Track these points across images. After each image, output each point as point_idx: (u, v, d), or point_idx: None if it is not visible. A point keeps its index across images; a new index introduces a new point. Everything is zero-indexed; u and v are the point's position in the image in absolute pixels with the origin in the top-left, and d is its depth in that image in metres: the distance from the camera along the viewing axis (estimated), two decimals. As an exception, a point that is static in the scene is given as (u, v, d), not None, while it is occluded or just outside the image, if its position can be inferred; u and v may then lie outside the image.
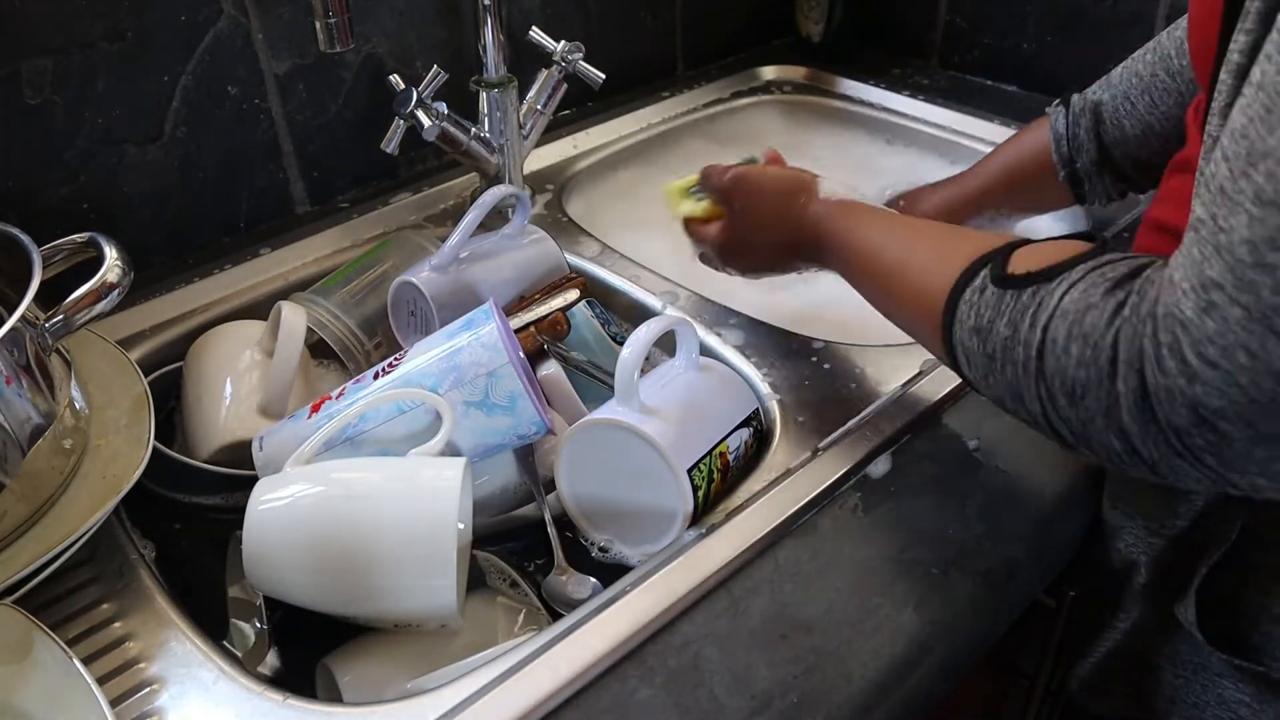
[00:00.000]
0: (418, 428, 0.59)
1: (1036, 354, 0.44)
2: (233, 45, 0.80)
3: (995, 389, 0.48)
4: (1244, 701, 0.56)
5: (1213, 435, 0.38)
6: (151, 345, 0.75)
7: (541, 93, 0.90)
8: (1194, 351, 0.37)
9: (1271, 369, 0.35)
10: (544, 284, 0.77)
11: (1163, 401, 0.38)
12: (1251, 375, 0.35)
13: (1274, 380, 0.35)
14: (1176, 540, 0.58)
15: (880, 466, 0.63)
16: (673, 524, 0.58)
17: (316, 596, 0.54)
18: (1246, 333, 0.35)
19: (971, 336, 0.48)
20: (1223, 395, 0.36)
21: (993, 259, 0.49)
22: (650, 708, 0.50)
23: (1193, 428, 0.38)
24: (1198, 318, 0.37)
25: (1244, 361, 0.35)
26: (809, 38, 1.23)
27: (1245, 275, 0.35)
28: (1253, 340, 0.35)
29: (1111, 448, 0.42)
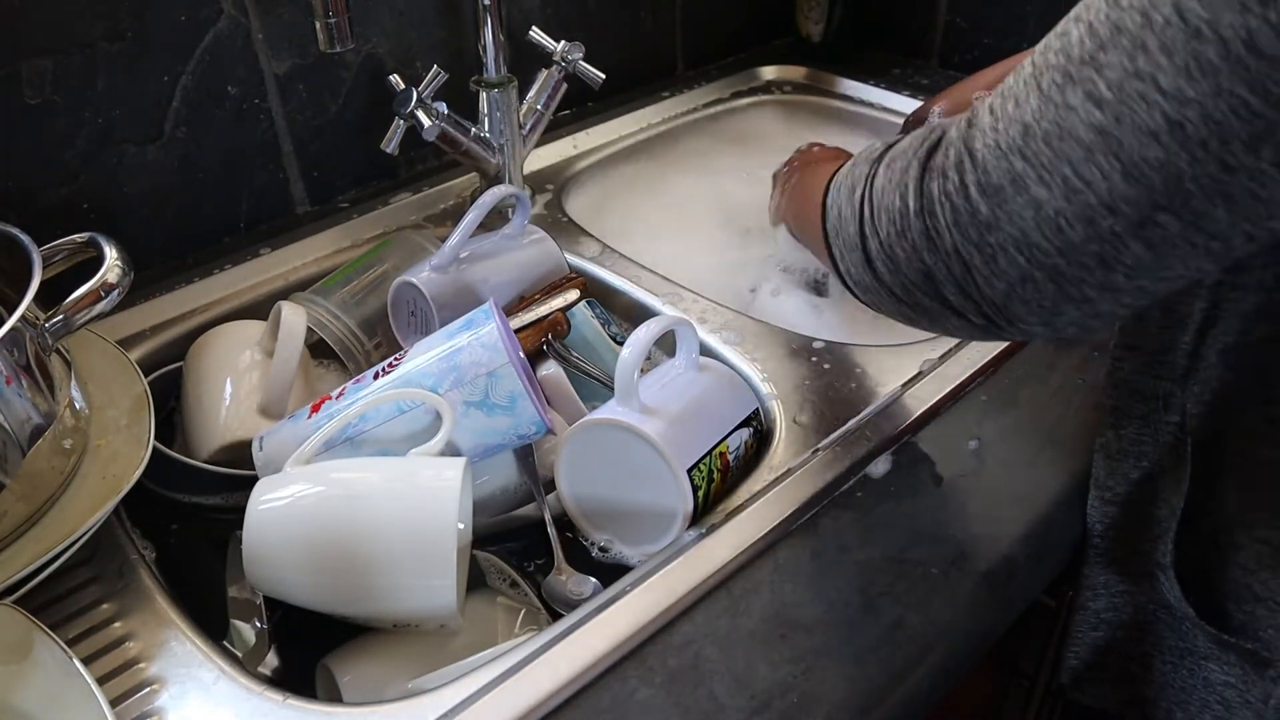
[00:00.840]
0: (418, 428, 0.59)
1: (890, 143, 0.52)
2: (233, 45, 0.80)
3: (840, 197, 0.54)
4: (1230, 683, 0.56)
5: (959, 179, 0.43)
6: (151, 345, 0.75)
7: (541, 93, 0.90)
8: (988, 104, 0.43)
9: (1023, 119, 0.41)
10: (544, 284, 0.77)
11: (944, 148, 0.45)
12: (1007, 122, 0.42)
13: (1019, 130, 0.41)
14: (1126, 507, 0.59)
15: (880, 466, 0.63)
16: (673, 524, 0.58)
17: (316, 596, 0.54)
18: (1024, 85, 0.41)
19: (850, 162, 0.55)
20: (982, 137, 0.43)
21: (867, 149, 0.55)
22: (650, 708, 0.50)
23: (951, 169, 0.44)
24: (1009, 79, 0.43)
25: (1010, 109, 0.42)
26: (809, 38, 1.22)
27: (1049, 40, 0.41)
28: (1023, 91, 0.41)
29: (891, 208, 0.48)
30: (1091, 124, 0.38)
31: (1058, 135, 0.39)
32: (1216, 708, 0.57)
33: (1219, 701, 0.57)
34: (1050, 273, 0.42)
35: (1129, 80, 0.36)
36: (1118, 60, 0.36)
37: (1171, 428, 0.55)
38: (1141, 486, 0.58)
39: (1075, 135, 0.38)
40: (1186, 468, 0.55)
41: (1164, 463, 0.56)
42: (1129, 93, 0.36)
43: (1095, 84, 0.37)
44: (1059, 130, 0.39)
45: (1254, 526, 0.54)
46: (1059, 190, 0.39)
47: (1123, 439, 0.58)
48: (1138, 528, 0.58)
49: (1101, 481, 0.60)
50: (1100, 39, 0.37)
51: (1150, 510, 0.57)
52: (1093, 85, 0.37)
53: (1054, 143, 0.39)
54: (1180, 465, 0.55)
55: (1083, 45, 0.38)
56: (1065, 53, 0.39)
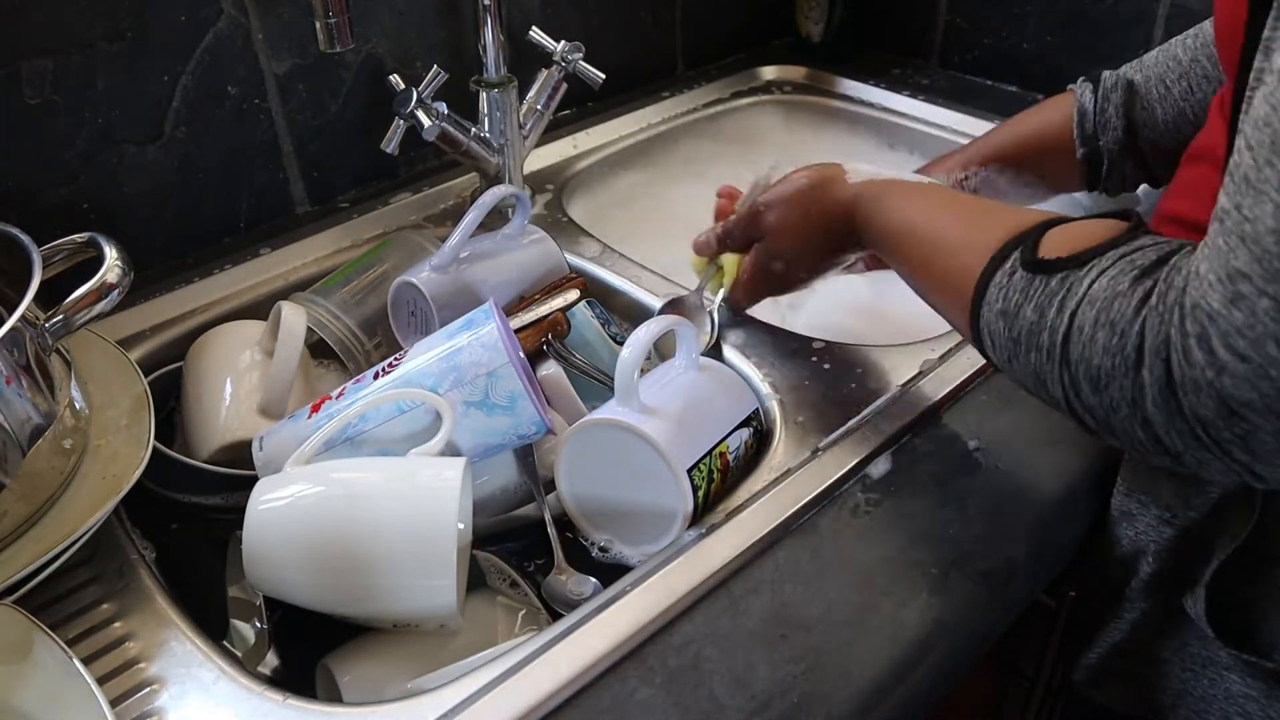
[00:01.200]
0: (418, 428, 0.59)
1: (1062, 340, 0.43)
2: (233, 45, 0.80)
3: (1019, 373, 0.48)
4: (1252, 696, 0.55)
5: (1241, 428, 0.37)
6: (151, 345, 0.75)
7: (541, 93, 0.90)
8: (1222, 343, 0.36)
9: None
10: (544, 284, 0.77)
11: (1189, 393, 0.38)
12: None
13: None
14: (1187, 530, 0.57)
15: (880, 466, 0.63)
16: (672, 524, 0.58)
17: (316, 596, 0.54)
18: (1276, 324, 0.35)
19: (998, 320, 0.48)
20: (1252, 388, 0.36)
21: (1024, 241, 0.48)
22: (650, 708, 0.50)
23: (1220, 420, 0.37)
24: (1225, 309, 0.36)
25: (1274, 353, 0.35)
26: (809, 38, 1.23)
27: (1273, 265, 0.35)
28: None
29: (1135, 436, 0.42)
30: None
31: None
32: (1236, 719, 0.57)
33: (1240, 713, 0.56)
34: None
35: None
36: None
37: None
38: (1208, 514, 0.56)
39: None
40: (1258, 498, 0.53)
41: (1233, 491, 0.55)
42: None
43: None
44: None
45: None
46: None
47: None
48: (1193, 551, 0.57)
49: (1165, 502, 0.58)
50: None
51: (1212, 536, 0.56)
52: None
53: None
54: (1251, 495, 0.53)
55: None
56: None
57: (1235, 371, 0.36)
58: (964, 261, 0.51)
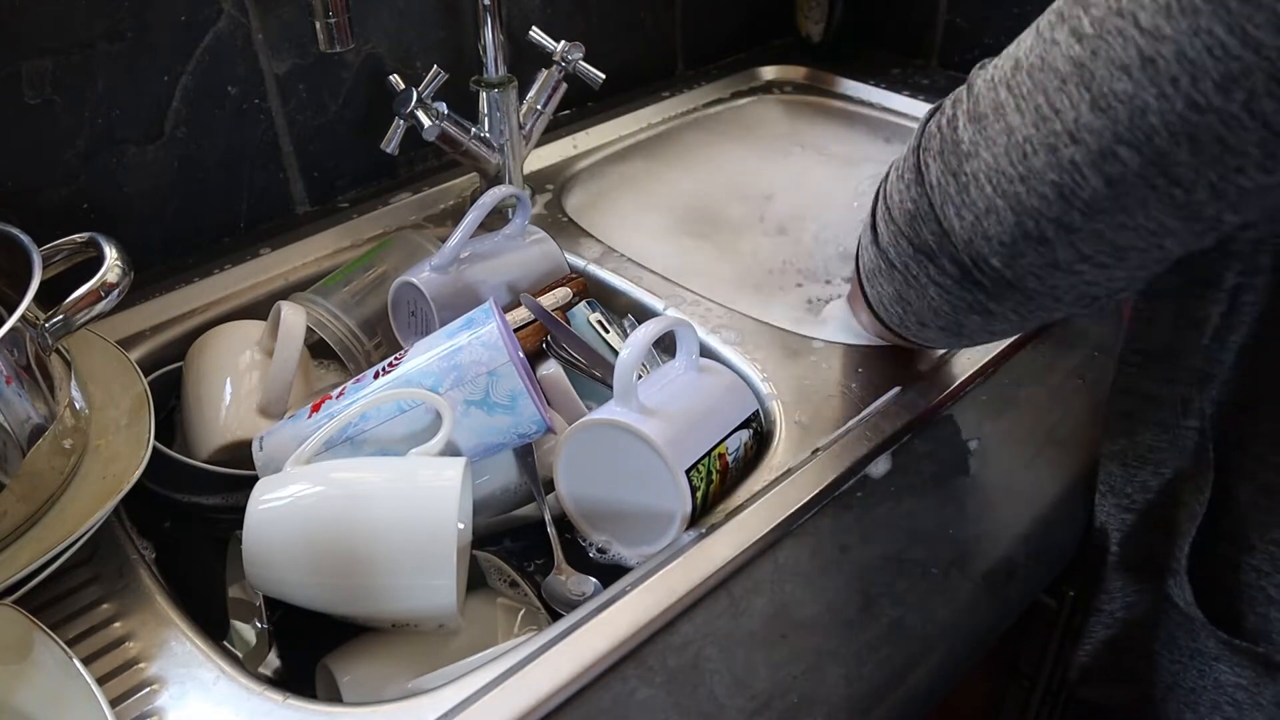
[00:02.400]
0: (418, 427, 0.59)
1: (884, 193, 0.53)
2: (233, 45, 0.80)
3: (863, 245, 0.57)
4: (1241, 685, 0.56)
5: (952, 111, 0.46)
6: (151, 345, 0.75)
7: (541, 93, 0.90)
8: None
9: (1015, 54, 0.44)
10: (544, 284, 0.77)
11: (953, 93, 0.48)
12: (1004, 59, 0.45)
13: (1010, 64, 0.43)
14: (1146, 513, 0.58)
15: (880, 466, 0.63)
16: (671, 525, 0.58)
17: (316, 596, 0.54)
18: (1029, 29, 0.44)
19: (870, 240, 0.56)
20: (981, 73, 0.46)
21: None
22: (650, 708, 0.50)
23: (949, 104, 0.47)
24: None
25: (1011, 49, 0.44)
26: (809, 38, 1.23)
27: None
28: (1024, 32, 0.44)
29: (901, 161, 0.50)
30: (1070, 56, 0.40)
31: (1040, 67, 0.41)
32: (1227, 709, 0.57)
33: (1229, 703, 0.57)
34: (1011, 201, 0.43)
35: (1110, 17, 0.38)
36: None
37: (1191, 433, 0.54)
38: (1162, 493, 0.57)
39: (1054, 67, 0.41)
40: (1209, 472, 0.54)
41: (1185, 468, 0.56)
42: (1108, 28, 0.38)
43: (1080, 20, 0.40)
44: (1041, 62, 0.41)
45: (1269, 529, 0.53)
46: (1030, 117, 0.41)
47: (1139, 446, 0.57)
48: (1156, 533, 0.58)
49: (1119, 489, 0.59)
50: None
51: (1170, 515, 0.57)
52: (1078, 21, 0.40)
53: (1035, 74, 0.42)
54: (1203, 470, 0.54)
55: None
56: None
57: (988, 67, 0.46)
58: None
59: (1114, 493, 0.60)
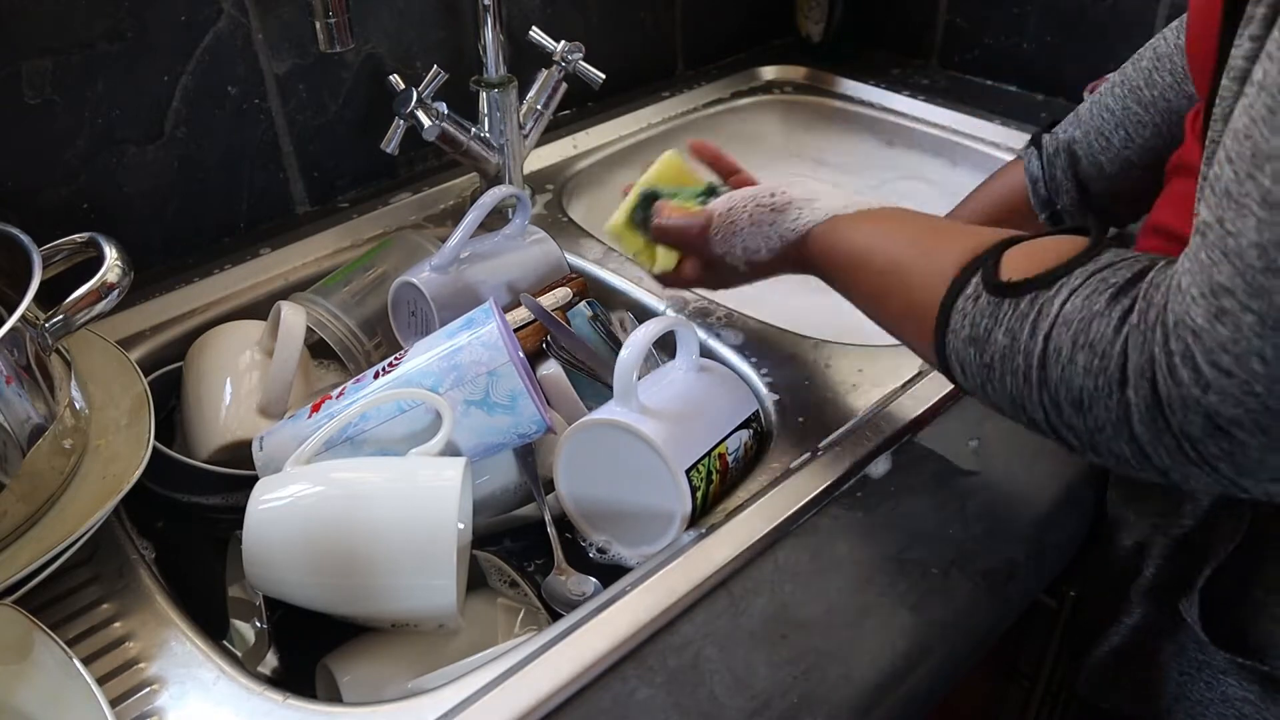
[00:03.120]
0: (418, 427, 0.59)
1: (1039, 364, 0.43)
2: (233, 45, 0.80)
3: (994, 397, 0.47)
4: (1248, 699, 0.55)
5: (1227, 443, 0.37)
6: (151, 345, 0.75)
7: (541, 93, 0.90)
8: (1206, 360, 0.36)
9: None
10: (544, 284, 0.77)
11: (1176, 411, 0.38)
12: (1267, 383, 0.35)
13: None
14: (1182, 540, 0.58)
15: (880, 466, 0.63)
16: (671, 525, 0.58)
17: (316, 596, 0.54)
18: (1260, 339, 0.35)
19: (967, 347, 0.47)
20: (1238, 404, 0.36)
21: (983, 263, 0.47)
22: (650, 708, 0.50)
23: (1207, 436, 0.37)
24: (1209, 325, 0.36)
25: (1258, 369, 0.35)
26: (809, 38, 1.23)
27: (1256, 280, 0.34)
28: (1267, 347, 0.34)
29: (1121, 454, 0.41)
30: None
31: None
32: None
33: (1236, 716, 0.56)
34: None
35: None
36: None
37: None
38: (1203, 520, 0.56)
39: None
40: (1248, 507, 0.53)
41: (1224, 500, 0.55)
42: None
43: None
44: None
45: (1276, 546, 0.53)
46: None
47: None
48: (1189, 558, 0.57)
49: (1157, 511, 0.58)
50: None
51: (1205, 543, 0.56)
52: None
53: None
54: (1242, 504, 0.53)
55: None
56: None
57: (1221, 388, 0.36)
58: (922, 293, 0.50)
59: (1151, 516, 0.59)
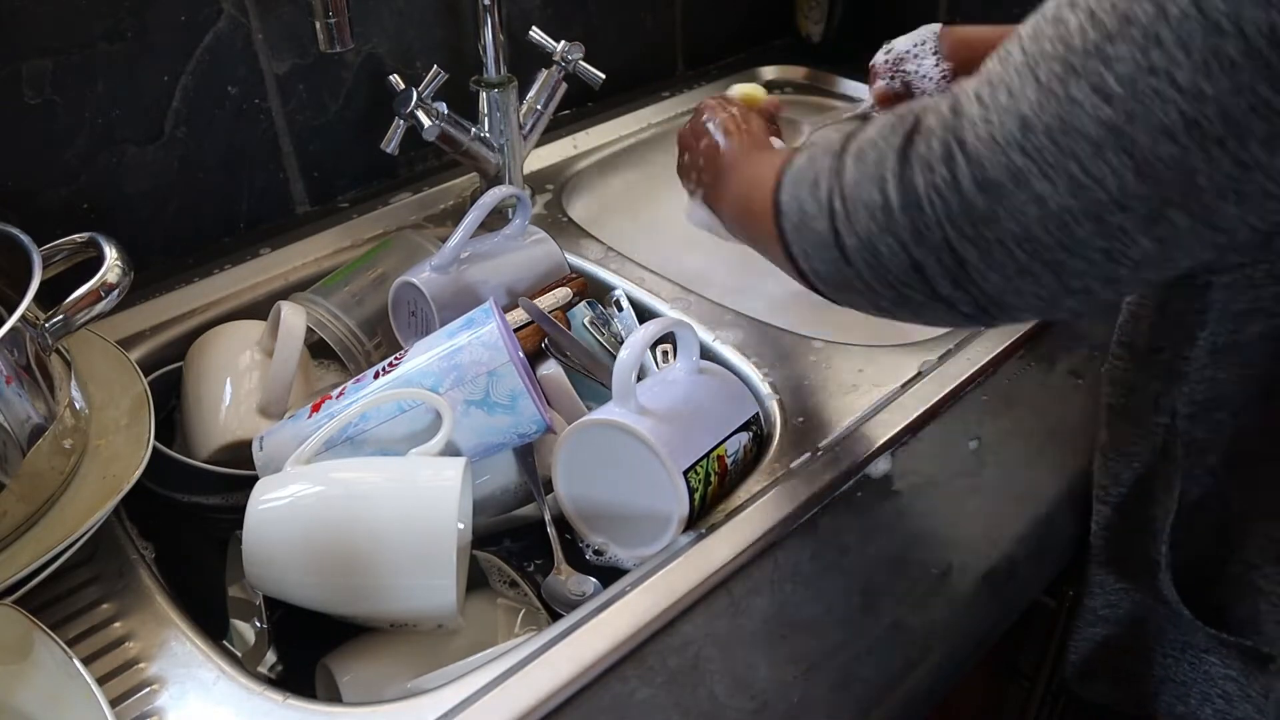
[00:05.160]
0: (418, 427, 0.59)
1: (850, 134, 0.48)
2: (233, 45, 0.80)
3: (800, 192, 0.50)
4: (1230, 677, 0.56)
5: (949, 174, 0.41)
6: (151, 345, 0.75)
7: (541, 93, 0.90)
8: (973, 91, 0.41)
9: (1019, 111, 0.39)
10: (544, 284, 0.77)
11: (924, 137, 0.43)
12: (1002, 114, 0.40)
13: (1016, 123, 0.39)
14: (1120, 508, 0.59)
15: (880, 466, 0.63)
16: (668, 527, 0.58)
17: (316, 596, 0.54)
18: (1016, 74, 0.39)
19: (802, 153, 0.51)
20: (973, 128, 0.41)
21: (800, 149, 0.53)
22: (650, 708, 0.50)
23: (938, 161, 0.42)
24: (992, 64, 0.41)
25: (1003, 100, 0.40)
26: (809, 38, 1.23)
27: (1040, 26, 0.39)
28: (1016, 81, 0.39)
29: (871, 204, 0.45)
30: (1100, 119, 0.37)
31: (1061, 130, 0.38)
32: (1218, 701, 0.57)
33: (1220, 695, 0.57)
34: (1052, 267, 0.41)
35: (1142, 75, 0.35)
36: (1128, 53, 0.35)
37: (1160, 429, 0.55)
38: (1135, 487, 0.58)
39: (1082, 131, 0.37)
40: (1178, 469, 0.54)
41: (1156, 464, 0.56)
42: (1142, 89, 0.35)
43: (1103, 77, 0.36)
44: (1063, 125, 0.38)
45: (1258, 522, 0.54)
46: (1064, 186, 0.38)
47: (1115, 439, 0.58)
48: (1133, 527, 0.58)
49: (1097, 481, 0.60)
50: (1106, 29, 0.36)
51: (1145, 510, 0.57)
52: (1100, 79, 0.36)
53: (1058, 137, 0.38)
54: (1171, 466, 0.54)
55: (1085, 35, 0.37)
56: (1064, 41, 0.37)
57: (968, 113, 0.41)
58: (762, 190, 0.54)
59: (1096, 485, 0.60)
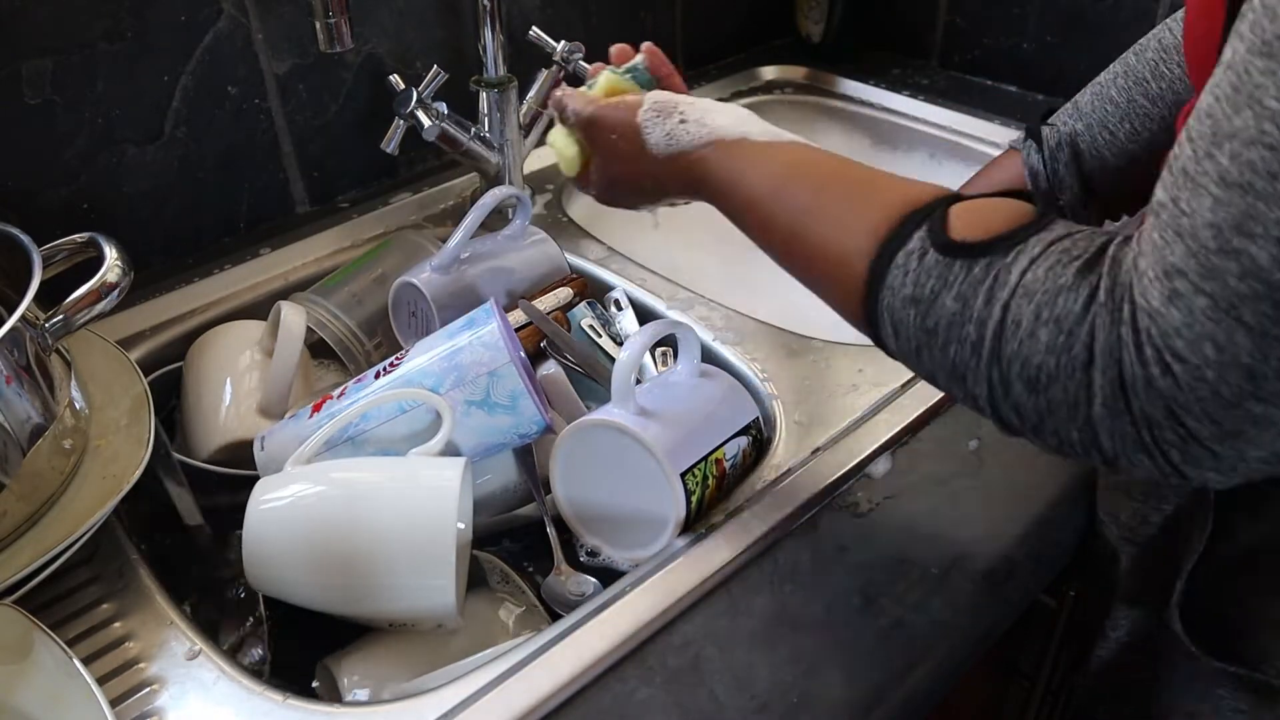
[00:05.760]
0: (419, 427, 0.59)
1: (993, 335, 0.40)
2: (233, 45, 0.80)
3: (929, 365, 0.44)
4: (1240, 710, 0.55)
5: (1181, 430, 0.36)
6: (151, 345, 0.75)
7: (541, 93, 0.90)
8: (1163, 345, 0.35)
9: (1238, 362, 0.33)
10: (545, 285, 0.77)
11: (1140, 394, 0.36)
12: (1218, 370, 0.34)
13: (1240, 374, 0.33)
14: (1149, 546, 0.58)
15: (880, 466, 0.63)
16: (665, 529, 0.57)
17: (316, 596, 0.54)
18: (1213, 324, 0.34)
19: (906, 307, 0.44)
20: (1190, 389, 0.35)
21: (928, 217, 0.44)
22: (650, 708, 0.50)
23: (1165, 421, 0.36)
24: (1164, 307, 0.35)
25: (1210, 355, 0.34)
26: (809, 38, 1.22)
27: (1209, 261, 0.33)
28: (1219, 332, 0.33)
29: (1069, 439, 0.40)
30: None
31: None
32: None
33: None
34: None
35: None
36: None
37: None
38: (1165, 528, 0.56)
39: None
40: (1210, 511, 0.53)
41: (1186, 506, 0.55)
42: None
43: None
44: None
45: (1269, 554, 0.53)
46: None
47: (1143, 481, 0.56)
48: (1160, 566, 0.57)
49: (1124, 522, 0.58)
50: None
51: (1173, 550, 0.56)
52: None
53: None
54: (1204, 509, 0.53)
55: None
56: (1258, 278, 0.33)
57: (1176, 372, 0.35)
58: (847, 237, 0.46)
59: (1118, 524, 0.59)
